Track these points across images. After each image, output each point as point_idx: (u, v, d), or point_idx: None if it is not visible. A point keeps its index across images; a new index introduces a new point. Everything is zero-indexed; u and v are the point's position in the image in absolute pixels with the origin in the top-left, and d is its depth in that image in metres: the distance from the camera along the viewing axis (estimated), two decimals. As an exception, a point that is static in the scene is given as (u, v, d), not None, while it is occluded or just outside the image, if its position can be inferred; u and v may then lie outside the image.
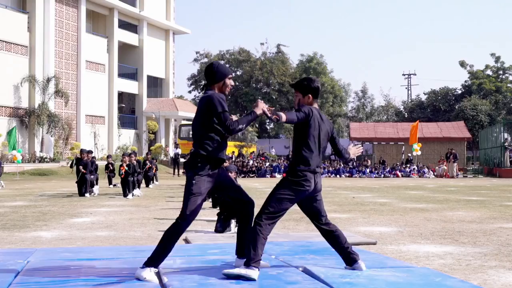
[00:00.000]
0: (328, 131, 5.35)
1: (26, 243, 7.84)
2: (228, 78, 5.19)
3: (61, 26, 37.94)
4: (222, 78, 5.15)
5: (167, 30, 48.58)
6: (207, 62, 59.26)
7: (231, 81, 5.23)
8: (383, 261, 5.85)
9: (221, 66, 5.23)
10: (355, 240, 7.62)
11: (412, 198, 16.40)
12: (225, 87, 5.18)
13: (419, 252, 6.89)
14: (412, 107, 62.20)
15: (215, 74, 5.13)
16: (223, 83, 5.16)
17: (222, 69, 5.18)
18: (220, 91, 5.16)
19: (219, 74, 5.14)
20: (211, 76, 5.15)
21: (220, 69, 5.16)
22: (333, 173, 36.16)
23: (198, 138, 5.07)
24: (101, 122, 41.31)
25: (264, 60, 57.19)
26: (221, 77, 5.14)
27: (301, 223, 10.02)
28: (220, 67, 5.19)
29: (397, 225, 9.67)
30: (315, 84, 5.27)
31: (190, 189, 4.94)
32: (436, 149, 40.34)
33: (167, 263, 5.58)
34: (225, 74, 5.15)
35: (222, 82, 5.16)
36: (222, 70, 5.17)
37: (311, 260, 5.82)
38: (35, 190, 19.83)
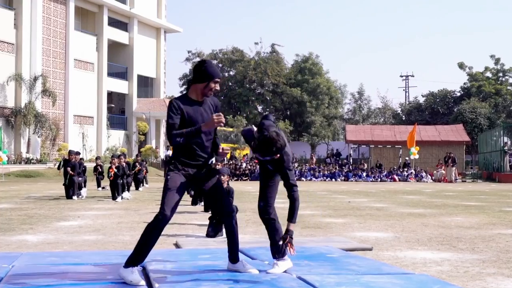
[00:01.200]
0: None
1: (11, 247, 7.80)
2: (214, 81, 5.06)
3: (49, 23, 37.86)
4: (206, 80, 5.03)
5: (158, 28, 48.56)
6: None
7: (217, 86, 5.09)
8: (379, 268, 5.85)
9: (210, 67, 5.09)
10: (350, 246, 7.63)
11: (409, 203, 16.43)
12: (207, 90, 5.06)
13: (416, 258, 6.90)
14: (410, 110, 62.37)
15: (200, 73, 5.03)
16: (206, 85, 5.05)
17: (210, 70, 5.04)
18: (201, 93, 5.08)
19: (205, 74, 5.02)
20: (196, 74, 5.06)
21: (207, 70, 5.03)
22: (328, 176, 36.20)
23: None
24: (90, 123, 41.23)
25: (258, 60, 57.20)
26: (206, 79, 5.03)
27: (295, 228, 10.00)
28: (209, 67, 5.06)
29: (393, 230, 9.68)
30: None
31: (166, 185, 5.00)
32: (434, 153, 40.43)
33: (157, 268, 5.57)
34: (211, 76, 5.02)
35: (205, 84, 5.04)
36: (209, 71, 5.03)
37: (305, 266, 5.82)
38: (21, 192, 19.76)
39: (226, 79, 59.15)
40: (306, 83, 55.99)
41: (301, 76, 56.76)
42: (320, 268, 5.73)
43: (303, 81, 56.28)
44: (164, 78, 49.50)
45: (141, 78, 47.11)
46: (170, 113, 4.95)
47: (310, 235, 9.11)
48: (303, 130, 54.87)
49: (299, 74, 57.11)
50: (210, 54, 59.60)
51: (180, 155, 5.06)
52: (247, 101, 56.82)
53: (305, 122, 55.47)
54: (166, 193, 4.96)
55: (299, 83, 56.39)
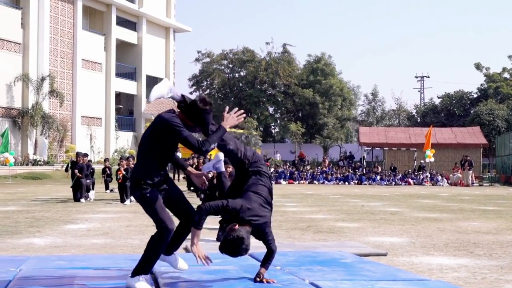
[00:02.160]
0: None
1: (18, 250, 7.85)
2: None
3: (56, 22, 38.07)
4: (197, 124, 5.11)
5: (167, 28, 48.70)
6: (209, 62, 59.33)
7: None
8: (394, 273, 5.84)
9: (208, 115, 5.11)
10: (364, 251, 7.62)
11: (424, 207, 16.38)
12: (191, 128, 5.11)
13: (432, 264, 6.88)
14: (425, 111, 62.13)
15: (196, 116, 5.03)
16: (194, 125, 5.10)
17: (208, 119, 5.09)
18: (185, 124, 5.04)
19: (200, 120, 5.06)
20: (193, 112, 5.05)
21: (206, 119, 5.07)
22: (341, 180, 36.14)
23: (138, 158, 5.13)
24: (98, 124, 41.39)
25: (269, 61, 57.14)
26: (197, 124, 5.10)
27: (308, 232, 10.02)
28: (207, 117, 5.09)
29: (408, 235, 9.66)
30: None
31: (149, 201, 4.96)
32: (450, 156, 40.27)
33: (167, 273, 5.59)
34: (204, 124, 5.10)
35: (194, 125, 5.10)
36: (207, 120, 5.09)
37: (318, 272, 5.81)
38: (28, 194, 19.86)
39: (236, 80, 59.22)
40: (319, 84, 55.90)
41: (313, 77, 56.66)
42: (333, 273, 5.72)
43: (315, 82, 56.19)
44: (173, 78, 49.58)
45: (150, 78, 47.21)
46: (179, 126, 4.94)
47: (323, 239, 9.10)
48: (316, 132, 54.77)
49: (311, 75, 57.01)
50: (220, 54, 59.66)
51: (150, 171, 5.00)
52: (258, 102, 56.79)
53: (318, 124, 55.38)
54: (156, 209, 4.94)
55: (311, 84, 56.30)
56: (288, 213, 13.77)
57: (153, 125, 5.08)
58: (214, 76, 58.03)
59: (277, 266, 6.03)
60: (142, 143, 5.15)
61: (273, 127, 62.84)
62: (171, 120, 4.96)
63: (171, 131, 4.92)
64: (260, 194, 5.13)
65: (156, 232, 4.98)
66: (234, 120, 5.13)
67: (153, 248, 4.96)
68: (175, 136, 4.93)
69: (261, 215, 4.99)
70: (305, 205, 16.82)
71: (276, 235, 9.59)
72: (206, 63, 59.68)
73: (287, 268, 5.95)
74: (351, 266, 6.18)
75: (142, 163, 5.03)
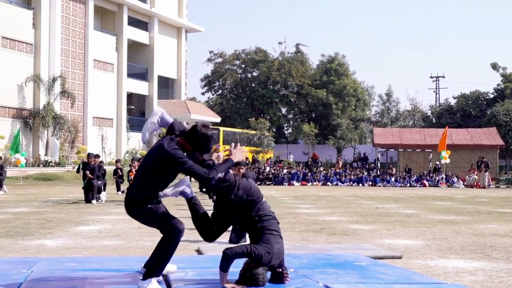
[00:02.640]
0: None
1: (29, 251, 7.89)
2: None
3: (68, 23, 38.28)
4: (200, 151, 5.18)
5: (179, 28, 48.83)
6: (222, 62, 59.41)
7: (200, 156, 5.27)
8: (409, 277, 5.81)
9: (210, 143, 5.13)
10: (379, 254, 7.59)
11: (440, 209, 16.30)
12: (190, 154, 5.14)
13: (448, 267, 6.84)
14: (441, 112, 61.87)
15: (199, 143, 5.07)
16: (193, 151, 5.16)
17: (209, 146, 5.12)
18: (185, 150, 5.08)
19: (204, 148, 5.11)
20: (196, 139, 5.08)
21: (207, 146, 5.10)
22: (355, 181, 36.05)
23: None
24: (109, 125, 41.56)
25: (282, 61, 57.18)
26: (201, 151, 5.17)
27: (321, 234, 10.00)
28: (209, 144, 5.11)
29: (424, 238, 9.61)
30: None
31: (154, 212, 5.07)
32: (466, 157, 40.05)
33: (179, 275, 5.60)
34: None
35: (193, 151, 5.15)
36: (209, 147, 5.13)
37: (332, 274, 5.80)
38: (40, 195, 19.97)
39: (249, 80, 59.27)
40: (332, 84, 55.84)
41: (326, 77, 56.61)
42: (347, 276, 5.71)
43: (328, 82, 56.14)
44: (185, 79, 49.72)
45: (162, 79, 47.38)
46: (181, 157, 4.98)
47: (337, 242, 9.08)
48: (329, 133, 54.71)
49: (324, 75, 56.96)
50: (232, 54, 59.76)
51: (149, 194, 5.10)
52: (271, 103, 56.82)
53: (331, 124, 55.31)
54: (162, 215, 5.06)
55: (325, 84, 56.25)
56: (301, 215, 13.75)
57: (155, 155, 5.10)
58: (226, 76, 58.13)
59: (291, 269, 6.02)
60: (144, 166, 5.20)
61: (286, 128, 62.85)
62: (173, 153, 4.99)
63: (174, 164, 4.98)
64: (274, 230, 5.35)
65: (166, 234, 5.00)
66: (241, 155, 5.34)
67: (165, 250, 4.98)
68: (178, 167, 5.00)
69: (279, 256, 5.28)
70: (318, 207, 16.79)
71: (290, 237, 9.60)
72: (218, 63, 59.80)
73: (300, 271, 5.94)
74: (365, 269, 6.16)
75: (142, 185, 5.10)
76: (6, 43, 34.25)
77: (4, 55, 33.97)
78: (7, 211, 14.05)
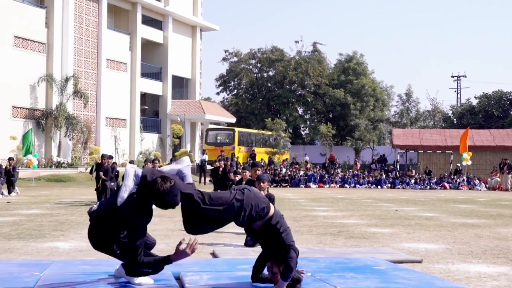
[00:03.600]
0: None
1: (42, 254, 7.95)
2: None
3: (81, 21, 38.50)
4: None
5: (194, 27, 48.94)
6: (237, 61, 59.43)
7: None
8: (430, 281, 5.78)
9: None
10: (399, 258, 7.56)
11: (461, 212, 16.21)
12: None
13: (470, 272, 6.80)
14: (462, 112, 61.55)
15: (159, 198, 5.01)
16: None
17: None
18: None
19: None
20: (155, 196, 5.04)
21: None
22: (373, 183, 35.93)
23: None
24: (122, 125, 41.74)
25: (299, 60, 57.09)
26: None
27: (339, 237, 9.98)
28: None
29: (444, 241, 9.56)
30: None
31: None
32: (488, 159, 39.78)
33: (193, 279, 5.60)
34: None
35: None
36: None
37: (351, 279, 5.78)
38: (52, 197, 20.11)
39: (265, 79, 59.27)
40: (350, 84, 55.68)
41: (344, 76, 56.47)
42: (366, 281, 5.69)
43: (346, 81, 55.99)
44: (199, 78, 49.82)
45: (176, 78, 47.48)
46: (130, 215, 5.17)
47: (355, 245, 9.06)
48: (347, 133, 54.57)
49: (342, 75, 56.82)
50: (248, 53, 59.78)
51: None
52: (287, 103, 56.76)
53: (349, 125, 55.16)
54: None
55: (343, 84, 56.11)
56: (318, 217, 13.73)
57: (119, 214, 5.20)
58: (241, 76, 58.16)
59: (308, 273, 6.01)
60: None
61: (302, 129, 62.73)
62: (123, 212, 5.17)
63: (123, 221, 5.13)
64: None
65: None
66: (186, 255, 5.05)
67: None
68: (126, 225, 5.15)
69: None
70: (336, 209, 16.76)
71: (306, 240, 9.59)
72: (233, 63, 59.84)
73: (318, 275, 5.93)
74: (385, 273, 6.14)
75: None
76: (18, 42, 34.51)
77: (17, 55, 34.21)
78: (19, 212, 14.16)
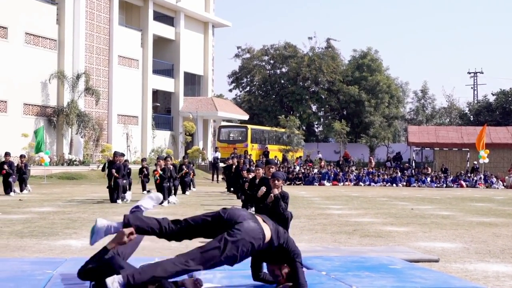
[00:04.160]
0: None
1: (54, 252, 8.00)
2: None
3: (92, 18, 38.65)
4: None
5: (206, 23, 48.98)
6: (250, 58, 59.43)
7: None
8: (447, 281, 5.75)
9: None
10: (415, 257, 7.54)
11: (478, 211, 16.13)
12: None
13: (488, 271, 6.77)
14: (479, 109, 61.18)
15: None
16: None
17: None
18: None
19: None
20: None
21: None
22: (388, 181, 35.83)
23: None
24: (134, 123, 41.88)
25: (312, 56, 57.01)
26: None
27: (354, 236, 9.96)
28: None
29: (462, 240, 9.52)
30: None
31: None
32: (506, 157, 39.57)
33: (207, 277, 5.61)
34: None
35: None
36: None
37: (366, 278, 5.77)
38: (64, 195, 20.21)
39: (278, 76, 59.24)
40: (365, 80, 55.54)
41: (358, 73, 56.34)
42: (382, 280, 5.67)
43: (361, 78, 55.85)
44: (212, 75, 49.87)
45: (188, 75, 47.56)
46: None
47: (370, 244, 9.04)
48: (361, 131, 54.44)
49: (356, 71, 56.70)
50: (260, 49, 59.76)
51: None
52: (301, 100, 56.71)
53: (363, 122, 55.03)
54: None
55: (357, 80, 55.98)
56: (333, 216, 13.71)
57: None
58: (254, 72, 58.15)
59: (323, 272, 6.01)
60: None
61: (316, 126, 62.67)
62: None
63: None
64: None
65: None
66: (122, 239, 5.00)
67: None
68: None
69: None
70: (350, 208, 16.73)
71: (321, 239, 9.59)
72: (246, 59, 59.85)
73: (333, 274, 5.92)
74: (401, 272, 6.12)
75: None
76: (29, 39, 34.68)
77: (28, 52, 34.39)
78: (31, 210, 14.25)
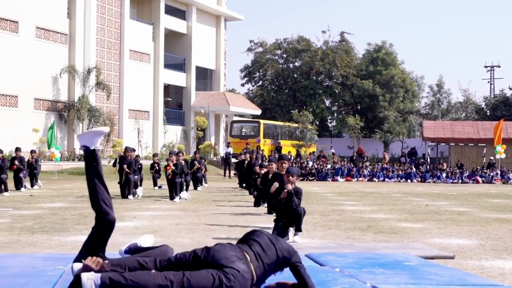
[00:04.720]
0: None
1: (65, 247, 8.04)
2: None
3: (103, 12, 38.74)
4: None
5: (218, 16, 48.97)
6: (262, 52, 59.37)
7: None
8: (463, 278, 5.74)
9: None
10: (430, 254, 7.52)
11: (495, 207, 16.06)
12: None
13: (505, 268, 6.74)
14: (496, 104, 60.84)
15: None
16: None
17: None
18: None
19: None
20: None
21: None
22: (403, 177, 35.74)
23: None
24: (146, 118, 41.98)
25: (326, 50, 56.87)
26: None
27: (368, 232, 9.94)
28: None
29: (478, 237, 9.49)
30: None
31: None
32: (523, 152, 39.30)
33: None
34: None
35: None
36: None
37: (380, 275, 5.76)
38: (75, 190, 20.32)
39: (291, 70, 59.17)
40: (379, 74, 55.34)
41: (373, 67, 56.13)
42: (396, 277, 5.66)
43: (375, 72, 55.65)
44: (224, 69, 49.89)
45: (200, 69, 47.61)
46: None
47: (385, 240, 9.03)
48: (375, 126, 54.24)
49: (371, 65, 56.48)
50: (273, 43, 59.69)
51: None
52: (314, 94, 56.62)
53: (378, 117, 54.85)
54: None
55: (371, 74, 55.79)
56: (346, 212, 13.69)
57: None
58: (267, 66, 58.10)
59: (336, 268, 6.01)
60: None
61: (329, 121, 62.54)
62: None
63: None
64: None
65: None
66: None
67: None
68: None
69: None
70: (364, 204, 16.70)
71: (335, 235, 9.58)
72: (259, 53, 59.81)
73: (347, 270, 5.91)
74: (415, 269, 6.10)
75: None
76: (40, 33, 34.82)
77: (39, 46, 34.54)
78: (42, 206, 14.34)
